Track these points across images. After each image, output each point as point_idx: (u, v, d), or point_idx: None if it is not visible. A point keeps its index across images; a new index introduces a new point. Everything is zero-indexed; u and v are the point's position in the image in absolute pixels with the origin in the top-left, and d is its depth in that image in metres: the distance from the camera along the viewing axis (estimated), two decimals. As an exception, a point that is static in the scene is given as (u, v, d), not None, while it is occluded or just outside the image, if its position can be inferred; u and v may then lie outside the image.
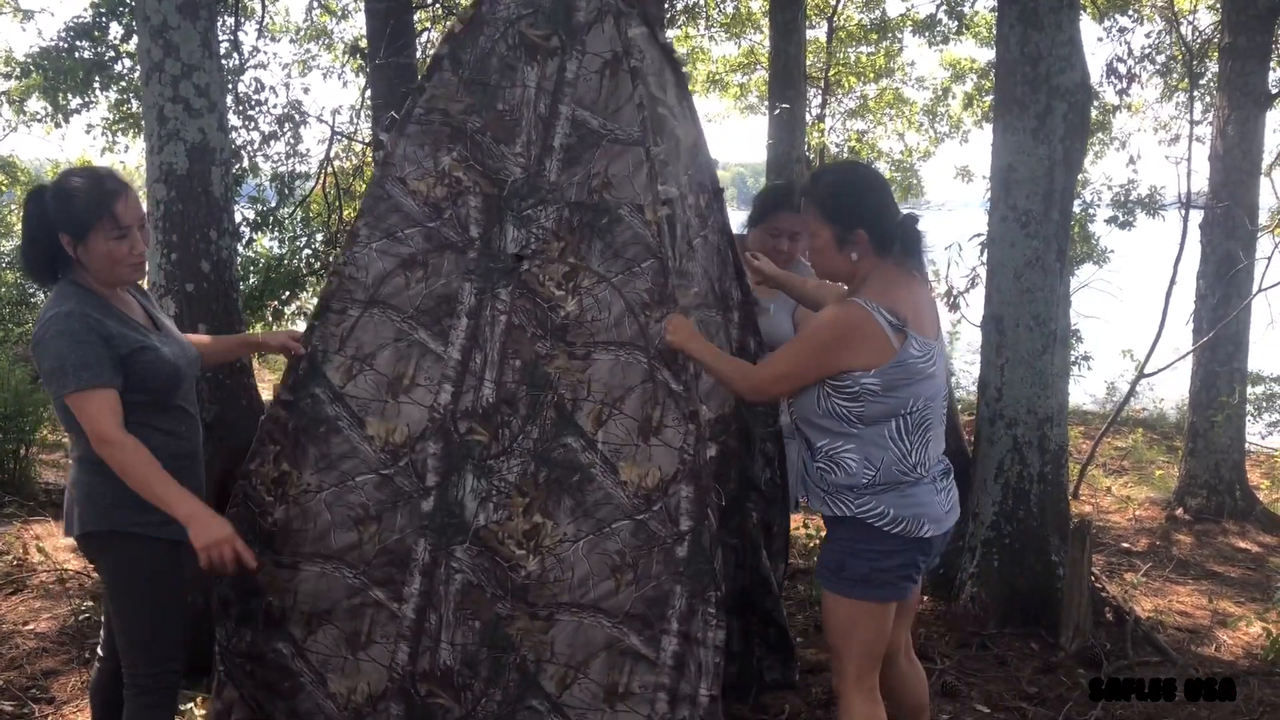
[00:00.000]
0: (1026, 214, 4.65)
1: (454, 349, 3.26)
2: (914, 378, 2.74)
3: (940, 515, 2.86)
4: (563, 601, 3.10)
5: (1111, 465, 9.21)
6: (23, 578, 5.25)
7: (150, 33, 4.02)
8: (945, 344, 3.00)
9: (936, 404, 2.84)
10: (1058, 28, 4.55)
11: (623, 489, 3.10)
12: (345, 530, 3.26)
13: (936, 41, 13.86)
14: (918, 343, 2.73)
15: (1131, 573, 5.88)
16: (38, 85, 10.23)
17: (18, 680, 4.11)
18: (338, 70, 12.35)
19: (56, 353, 2.60)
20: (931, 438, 2.85)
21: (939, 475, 2.88)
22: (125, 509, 2.69)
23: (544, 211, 3.22)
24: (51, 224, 2.69)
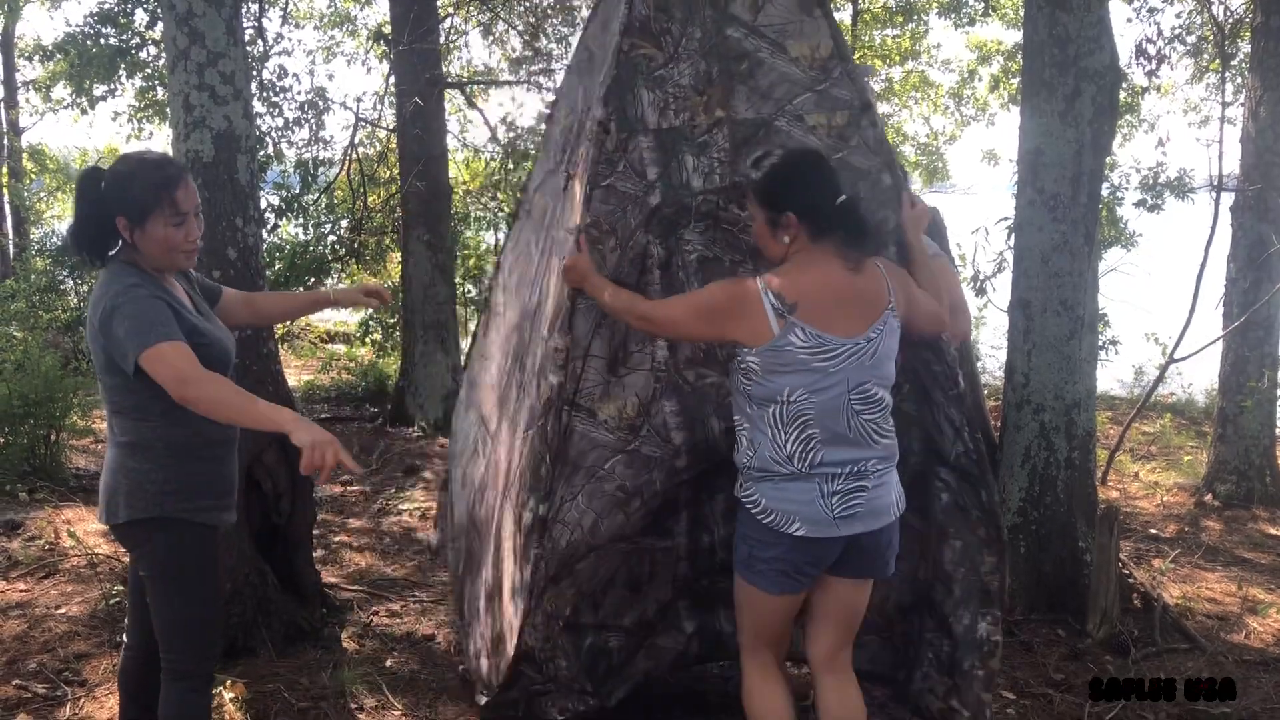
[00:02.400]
0: (1054, 197, 4.60)
1: None
2: (791, 367, 2.67)
3: (822, 518, 2.72)
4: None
5: (1140, 451, 9.13)
6: (54, 562, 5.32)
7: (176, 20, 4.03)
8: (871, 347, 2.72)
9: (824, 399, 2.69)
10: (1086, 9, 4.49)
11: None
12: (612, 516, 3.25)
13: (963, 23, 13.74)
14: (803, 332, 2.66)
15: (1160, 559, 5.84)
16: (63, 72, 10.31)
17: (50, 663, 4.16)
18: (361, 56, 12.38)
19: (131, 315, 2.56)
20: (817, 435, 2.71)
21: (838, 476, 2.73)
22: (173, 495, 2.71)
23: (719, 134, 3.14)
24: (107, 205, 2.67)
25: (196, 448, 2.73)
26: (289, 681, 3.98)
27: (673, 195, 3.13)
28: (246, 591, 4.20)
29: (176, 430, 2.69)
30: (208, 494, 2.76)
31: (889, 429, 2.82)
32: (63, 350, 9.63)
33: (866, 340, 2.71)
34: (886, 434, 2.81)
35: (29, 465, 6.77)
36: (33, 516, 6.00)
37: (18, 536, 5.73)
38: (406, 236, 9.21)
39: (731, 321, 2.72)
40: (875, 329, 2.72)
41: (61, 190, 19.06)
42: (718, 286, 2.82)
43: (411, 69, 8.92)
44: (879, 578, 2.95)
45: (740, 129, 3.15)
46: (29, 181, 18.04)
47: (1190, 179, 8.76)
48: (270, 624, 4.24)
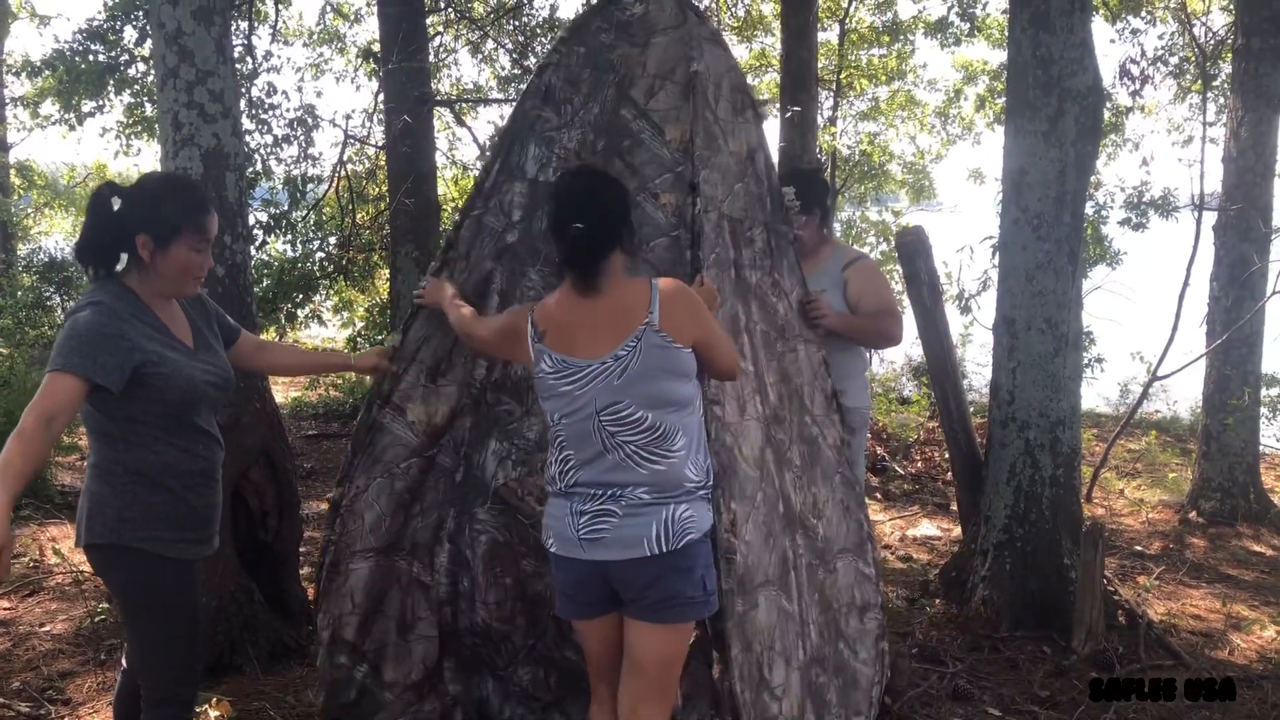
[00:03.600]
0: (1038, 217, 4.64)
1: None
2: (548, 392, 2.71)
3: (569, 536, 2.68)
4: None
5: (1125, 468, 9.18)
6: (39, 579, 5.30)
7: (165, 39, 4.05)
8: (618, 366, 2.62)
9: (574, 423, 2.66)
10: (1069, 31, 4.55)
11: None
12: (394, 517, 3.43)
13: (949, 43, 13.85)
14: (550, 358, 2.68)
15: (1144, 576, 5.86)
16: (52, 88, 10.30)
17: (34, 681, 4.14)
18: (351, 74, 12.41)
19: (69, 333, 2.55)
20: (572, 457, 2.69)
21: (590, 498, 2.66)
22: (132, 523, 2.65)
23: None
24: (128, 222, 2.66)
25: (159, 476, 2.67)
26: (274, 699, 3.96)
27: (528, 238, 3.41)
28: (232, 609, 4.19)
29: (137, 456, 2.65)
30: (170, 525, 2.69)
31: (661, 455, 2.64)
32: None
33: (614, 359, 2.62)
34: (656, 460, 2.64)
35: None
36: (18, 534, 5.96)
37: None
38: (395, 253, 9.21)
39: (516, 347, 2.81)
40: (624, 347, 2.61)
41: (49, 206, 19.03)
42: (509, 312, 2.94)
43: (400, 87, 8.94)
44: (652, 621, 2.67)
45: None
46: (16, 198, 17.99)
47: (1174, 198, 8.83)
48: (256, 641, 4.23)
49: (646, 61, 3.40)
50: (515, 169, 3.46)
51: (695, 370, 2.71)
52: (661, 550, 2.61)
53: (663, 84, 3.38)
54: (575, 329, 2.67)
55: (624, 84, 3.41)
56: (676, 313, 2.65)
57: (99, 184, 2.79)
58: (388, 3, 9.13)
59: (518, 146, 3.48)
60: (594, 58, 3.47)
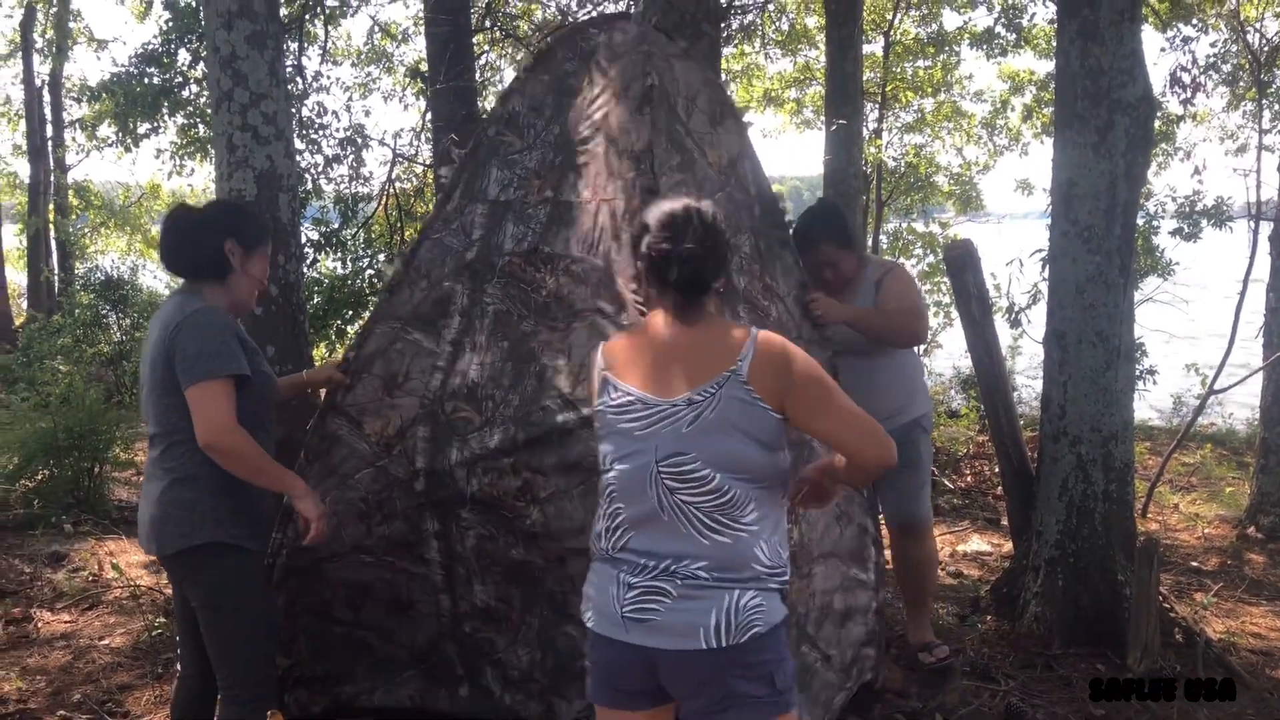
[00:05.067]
0: (1088, 229, 4.60)
1: (445, 342, 3.50)
2: (605, 430, 2.36)
3: (609, 611, 2.29)
4: (569, 546, 3.23)
5: (1179, 482, 9.02)
6: (98, 593, 5.40)
7: (220, 63, 4.14)
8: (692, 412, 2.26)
9: (628, 472, 2.30)
10: (1119, 40, 4.51)
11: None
12: (353, 525, 3.49)
13: (995, 54, 13.74)
14: (615, 390, 2.34)
15: (1202, 593, 5.76)
16: (109, 111, 10.53)
17: (94, 694, 4.22)
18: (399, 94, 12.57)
19: (206, 336, 2.72)
20: (623, 513, 2.31)
21: (647, 570, 2.27)
22: (224, 522, 2.80)
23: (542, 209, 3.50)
24: (217, 227, 2.89)
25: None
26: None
27: (486, 254, 3.51)
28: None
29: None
30: (250, 521, 2.86)
31: (726, 525, 2.25)
32: (106, 384, 9.79)
33: (687, 402, 2.25)
34: (720, 530, 2.25)
35: (73, 498, 6.88)
36: (77, 548, 6.09)
37: (62, 568, 5.82)
38: (442, 270, 9.31)
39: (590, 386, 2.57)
40: (702, 391, 2.25)
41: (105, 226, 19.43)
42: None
43: (448, 105, 9.05)
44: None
45: (559, 209, 3.51)
46: (74, 217, 18.40)
47: (1228, 207, 8.70)
48: (309, 655, 4.28)
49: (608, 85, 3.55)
50: (477, 192, 3.60)
51: (781, 443, 2.33)
52: (721, 644, 2.20)
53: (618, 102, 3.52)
54: (653, 361, 2.33)
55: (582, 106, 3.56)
56: (770, 369, 2.26)
57: (174, 206, 2.98)
58: (435, 22, 9.24)
59: (481, 171, 3.62)
60: (557, 84, 3.62)
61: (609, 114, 3.51)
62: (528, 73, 3.71)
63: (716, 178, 3.62)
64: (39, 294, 16.71)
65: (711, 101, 3.76)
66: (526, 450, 3.29)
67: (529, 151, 3.61)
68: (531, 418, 3.32)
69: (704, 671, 2.23)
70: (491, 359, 3.43)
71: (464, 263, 3.54)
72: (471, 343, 3.47)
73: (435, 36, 9.27)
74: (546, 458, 3.27)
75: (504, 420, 3.35)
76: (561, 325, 3.38)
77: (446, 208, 3.64)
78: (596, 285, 3.38)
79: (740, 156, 3.81)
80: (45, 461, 6.94)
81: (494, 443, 3.34)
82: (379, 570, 3.52)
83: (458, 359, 3.47)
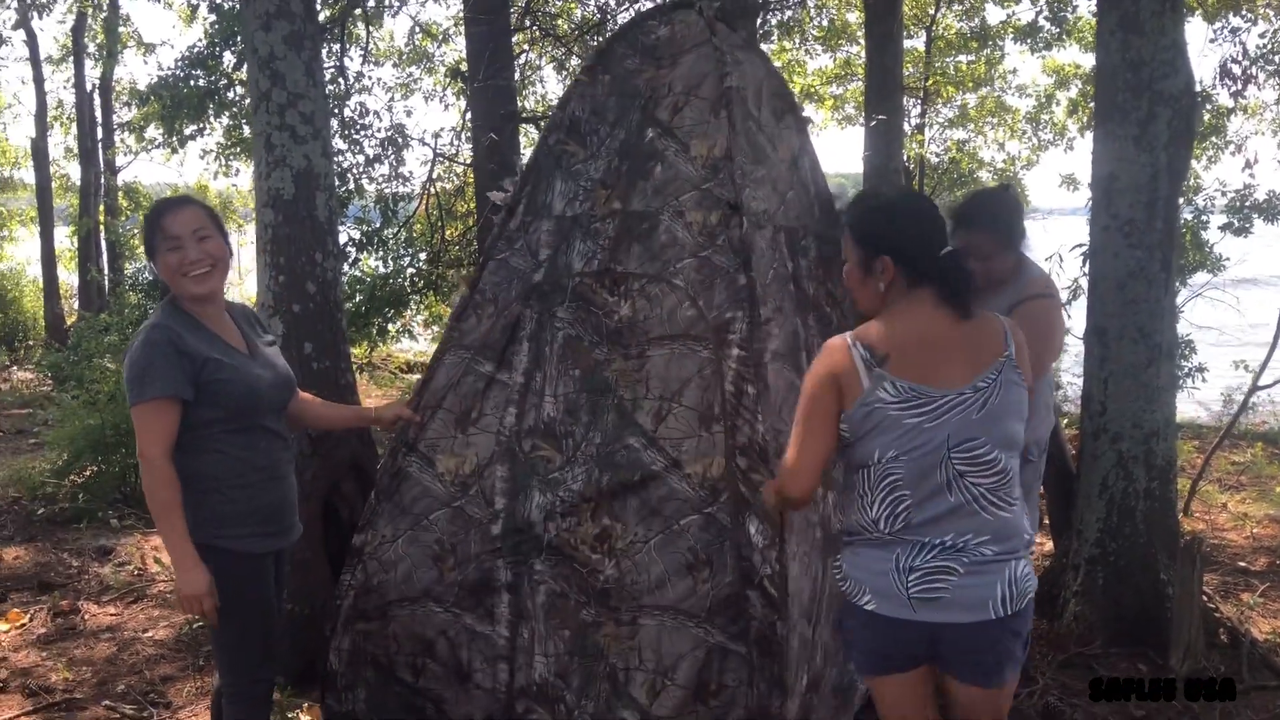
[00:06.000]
0: (1129, 224, 4.53)
1: (517, 373, 3.32)
2: (881, 426, 2.39)
3: (894, 593, 2.40)
4: (644, 604, 3.10)
5: (1228, 481, 8.85)
6: (143, 587, 5.49)
7: (258, 63, 4.19)
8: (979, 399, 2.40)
9: (917, 461, 2.39)
10: (1160, 32, 4.43)
11: (688, 483, 3.09)
12: (425, 569, 3.35)
13: (1039, 48, 13.59)
14: (893, 386, 2.38)
15: (1248, 593, 5.66)
16: (155, 114, 10.71)
17: (138, 685, 4.30)
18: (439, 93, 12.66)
19: (134, 362, 2.74)
20: (909, 500, 2.40)
21: (926, 549, 2.39)
22: (203, 524, 2.78)
23: (610, 223, 3.31)
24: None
25: (224, 477, 2.81)
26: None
27: (554, 274, 3.32)
28: (323, 618, 4.28)
29: (201, 461, 2.78)
30: (236, 522, 2.82)
31: (1005, 502, 2.42)
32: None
33: (973, 390, 2.39)
34: (1001, 506, 2.42)
35: (120, 493, 7.00)
36: (123, 542, 6.20)
37: (109, 561, 5.93)
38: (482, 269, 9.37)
39: (835, 390, 2.42)
40: (984, 379, 2.41)
41: (154, 227, 19.68)
42: (807, 378, 2.51)
43: (487, 104, 9.09)
44: (984, 686, 2.51)
45: (628, 220, 3.29)
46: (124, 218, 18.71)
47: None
48: (347, 649, 4.32)
49: (673, 81, 3.34)
50: (541, 207, 3.41)
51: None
52: (1006, 613, 2.39)
53: (688, 99, 3.31)
54: (933, 354, 2.40)
55: (649, 106, 3.35)
56: (1022, 351, 2.49)
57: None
58: (474, 22, 9.29)
59: (544, 184, 3.42)
60: (619, 85, 3.40)
61: (679, 116, 3.31)
62: (587, 73, 3.48)
63: (787, 176, 3.45)
64: (89, 294, 17.00)
65: (773, 95, 3.56)
66: (609, 494, 3.14)
67: (593, 160, 3.40)
68: (615, 458, 3.16)
69: (988, 638, 2.42)
70: (565, 390, 3.27)
71: (531, 285, 3.36)
72: (542, 373, 3.31)
73: (474, 36, 9.32)
74: (629, 501, 3.13)
75: (585, 460, 3.20)
76: (635, 353, 3.21)
77: (510, 226, 3.43)
78: (672, 310, 3.20)
79: (800, 153, 3.64)
80: (93, 457, 7.07)
81: (577, 484, 3.20)
82: (445, 624, 3.35)
83: (529, 390, 3.31)
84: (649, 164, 3.30)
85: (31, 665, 4.51)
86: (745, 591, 3.03)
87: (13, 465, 8.01)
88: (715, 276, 3.20)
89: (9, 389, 13.31)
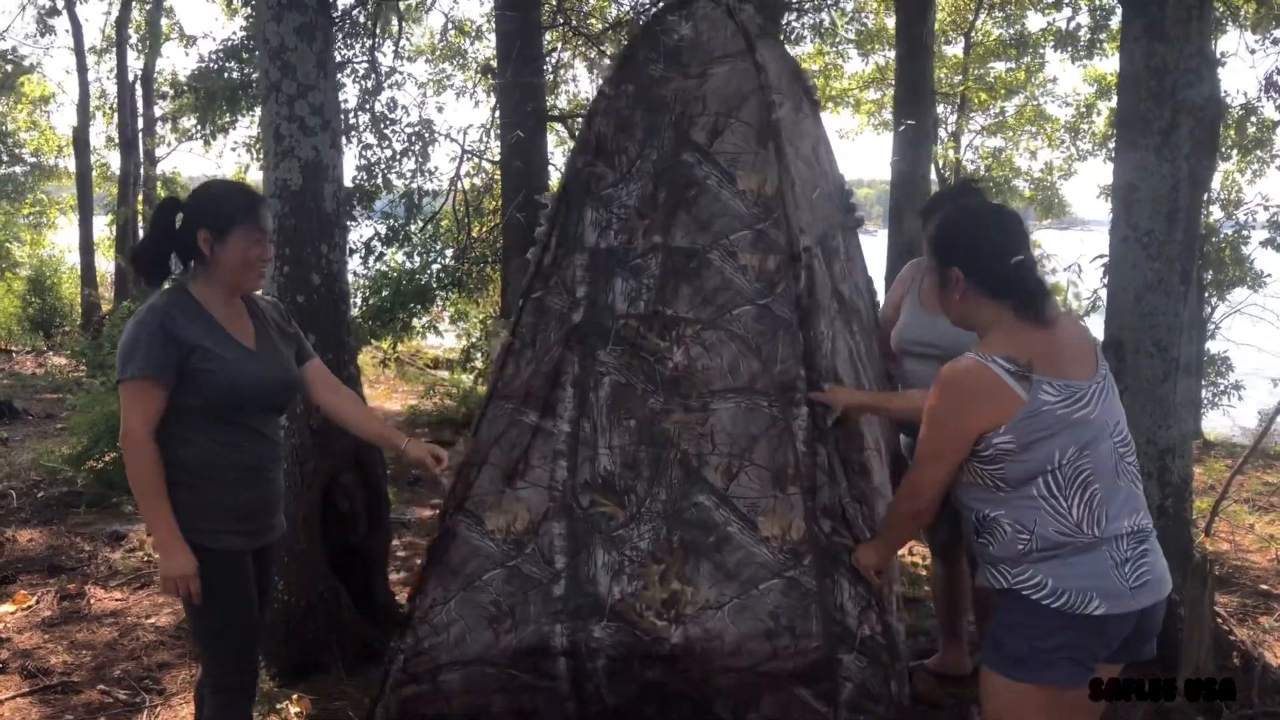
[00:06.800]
0: (1148, 235, 4.43)
1: (564, 421, 3.15)
2: (1054, 427, 2.41)
3: (1119, 590, 2.42)
4: (719, 666, 2.95)
5: (1259, 502, 8.66)
6: (150, 574, 5.52)
7: (269, 54, 4.19)
8: (1108, 382, 2.52)
9: (1098, 451, 2.43)
10: (1185, 39, 4.33)
11: (766, 546, 2.95)
12: (480, 631, 3.16)
13: (1080, 56, 13.40)
14: (1052, 386, 2.41)
15: (1267, 616, 5.52)
16: (190, 105, 10.81)
17: (134, 670, 4.32)
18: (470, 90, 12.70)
19: (125, 341, 2.69)
20: (1100, 492, 2.43)
21: (1123, 539, 2.44)
22: (190, 519, 2.71)
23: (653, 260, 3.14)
24: (189, 221, 2.79)
25: (203, 470, 2.74)
26: (355, 701, 4.03)
27: (594, 315, 3.14)
28: (320, 610, 4.29)
29: (181, 451, 2.72)
30: (213, 518, 2.75)
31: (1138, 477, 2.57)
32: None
33: (1101, 378, 2.51)
34: (1139, 481, 2.56)
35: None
36: (135, 529, 6.24)
37: (120, 547, 5.98)
38: (507, 266, 9.39)
39: (972, 413, 2.43)
40: (1101, 367, 2.54)
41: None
42: (936, 396, 2.50)
43: (515, 102, 9.11)
44: (1141, 659, 2.61)
45: (673, 256, 3.12)
46: (162, 208, 18.92)
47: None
48: (342, 642, 4.31)
49: (705, 96, 3.13)
50: (573, 239, 3.22)
51: None
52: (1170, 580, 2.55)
53: (727, 121, 3.11)
54: (1059, 353, 2.47)
55: (682, 123, 3.15)
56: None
57: (165, 197, 2.93)
58: (504, 19, 9.31)
59: (574, 214, 3.22)
60: (645, 95, 3.19)
61: (720, 140, 3.10)
62: (609, 84, 3.26)
63: (809, 175, 3.26)
64: (124, 282, 17.22)
65: (792, 84, 3.36)
66: (680, 554, 2.99)
67: (624, 184, 3.20)
68: (685, 515, 3.00)
69: (1164, 607, 2.54)
70: (620, 441, 3.10)
71: (571, 325, 3.17)
72: (591, 422, 3.13)
73: (504, 33, 9.34)
74: (702, 565, 2.98)
75: (651, 517, 3.03)
76: (697, 405, 3.04)
77: (544, 262, 3.25)
78: (734, 360, 3.04)
79: (818, 142, 3.45)
80: (111, 443, 7.12)
81: (644, 543, 3.03)
82: (501, 683, 3.15)
83: (579, 441, 3.13)
84: (689, 192, 3.12)
85: (33, 647, 4.54)
86: (837, 656, 2.93)
87: (37, 449, 8.10)
88: (778, 329, 3.06)
89: (44, 374, 13.49)
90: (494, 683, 3.16)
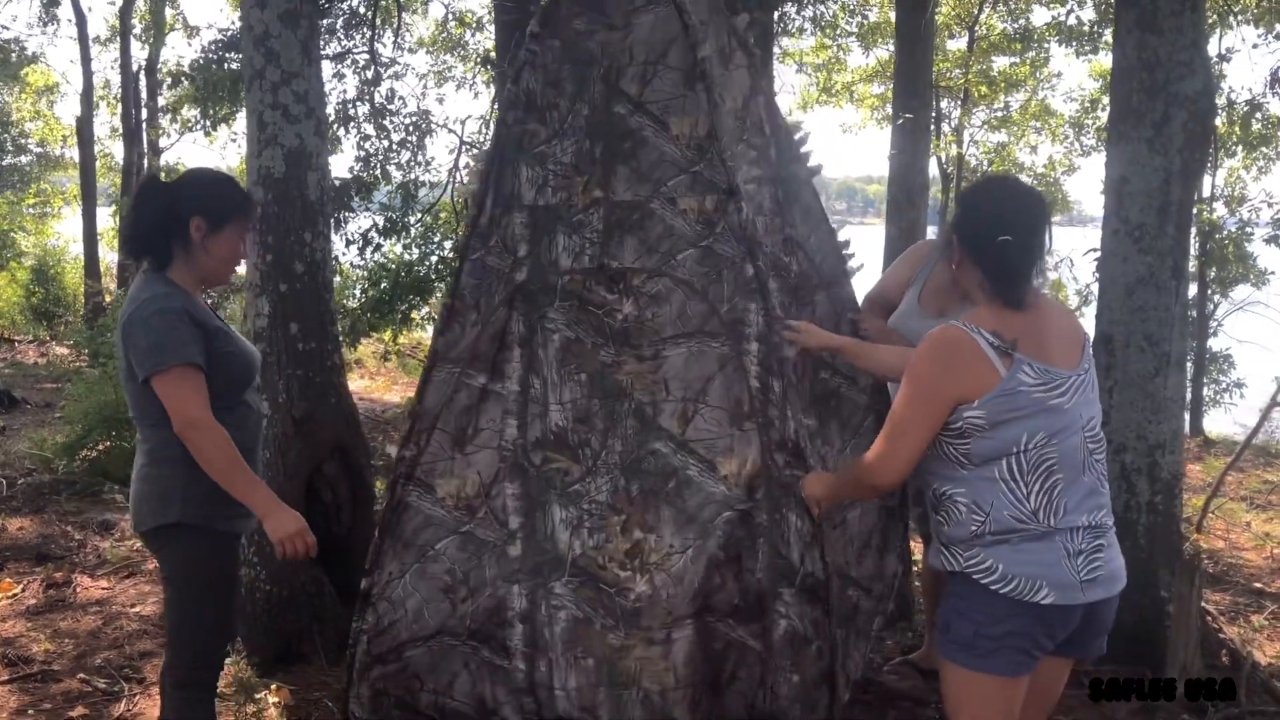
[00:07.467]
0: (1140, 228, 4.39)
1: (511, 381, 3.14)
2: (1028, 410, 2.38)
3: (1069, 581, 2.39)
4: (679, 615, 2.95)
5: (1258, 500, 8.63)
6: (138, 563, 5.52)
7: (253, 41, 4.16)
8: (1089, 379, 2.50)
9: (1067, 443, 2.41)
10: (1178, 32, 4.29)
11: (724, 484, 2.97)
12: (437, 603, 3.14)
13: (1084, 51, 13.31)
14: (1032, 368, 2.39)
15: (1259, 614, 5.49)
16: (189, 95, 10.79)
17: (115, 659, 4.31)
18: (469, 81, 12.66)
19: (155, 330, 2.64)
20: (1061, 483, 2.41)
21: (1079, 532, 2.42)
22: (193, 501, 2.73)
23: (594, 214, 3.14)
24: (182, 207, 2.75)
25: None
26: (335, 691, 4.01)
27: (539, 273, 3.12)
28: (302, 599, 4.27)
29: None
30: (223, 500, 2.75)
31: (1104, 476, 2.54)
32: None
33: (1083, 371, 2.49)
34: (1105, 479, 2.53)
35: (129, 470, 7.02)
36: (125, 518, 6.23)
37: (110, 536, 5.97)
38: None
39: (952, 378, 2.41)
40: (1085, 359, 2.52)
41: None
42: (919, 359, 2.48)
43: (513, 93, 9.06)
44: (1090, 656, 2.60)
45: (616, 211, 3.11)
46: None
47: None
48: (324, 632, 4.30)
49: (632, 47, 3.12)
50: (510, 197, 3.18)
51: None
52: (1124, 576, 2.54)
53: (654, 69, 3.09)
54: (1045, 339, 2.45)
55: (611, 75, 3.12)
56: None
57: (145, 177, 2.90)
58: (504, 10, 9.25)
59: (509, 171, 3.19)
60: (571, 50, 3.15)
61: (649, 89, 3.08)
62: (534, 40, 3.18)
63: (734, 127, 3.19)
64: (127, 274, 17.23)
65: (718, 34, 3.25)
66: (641, 503, 2.99)
67: (558, 140, 3.15)
68: (643, 465, 3.00)
69: (1114, 605, 2.52)
70: (571, 396, 3.08)
71: (515, 284, 3.14)
72: (541, 379, 3.11)
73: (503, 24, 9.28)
74: (663, 511, 2.97)
75: (608, 469, 3.03)
76: (649, 354, 3.05)
77: (480, 222, 3.20)
78: (682, 306, 3.05)
79: (753, 94, 3.33)
80: (106, 433, 7.12)
81: (602, 496, 3.02)
82: (466, 657, 3.13)
83: (528, 399, 3.11)
84: (625, 144, 3.11)
85: (16, 635, 4.54)
86: (777, 589, 2.97)
87: (34, 437, 8.10)
88: (721, 267, 3.07)
89: (45, 363, 13.51)
90: (458, 657, 3.14)
